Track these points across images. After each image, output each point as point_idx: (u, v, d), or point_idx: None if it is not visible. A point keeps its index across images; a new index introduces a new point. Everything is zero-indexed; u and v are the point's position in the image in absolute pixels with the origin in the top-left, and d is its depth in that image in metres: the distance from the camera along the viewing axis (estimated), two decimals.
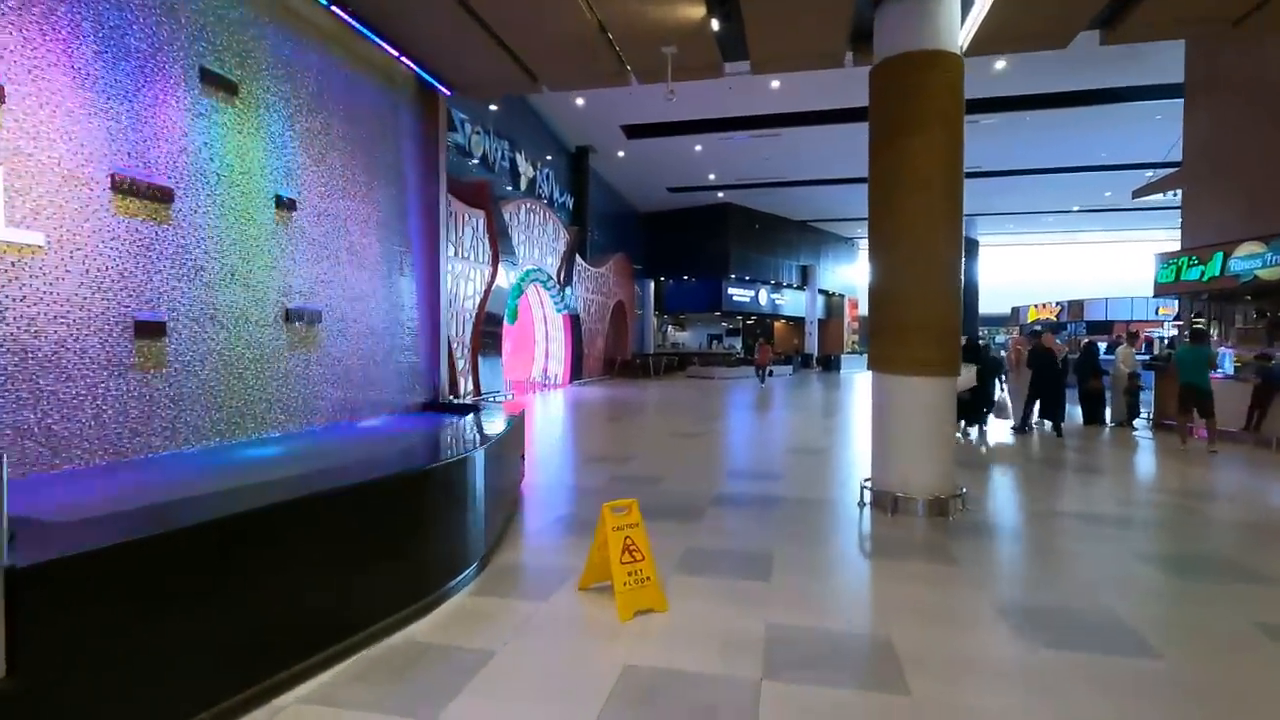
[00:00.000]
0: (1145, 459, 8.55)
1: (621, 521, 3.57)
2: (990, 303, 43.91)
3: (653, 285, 33.92)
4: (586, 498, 6.15)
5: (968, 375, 9.12)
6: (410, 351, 7.04)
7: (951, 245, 5.41)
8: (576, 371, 21.96)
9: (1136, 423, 11.19)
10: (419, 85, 7.28)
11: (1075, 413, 12.32)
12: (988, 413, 10.49)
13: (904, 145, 5.43)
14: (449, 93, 7.54)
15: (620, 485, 6.66)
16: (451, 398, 8.30)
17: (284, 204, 5.30)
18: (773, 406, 15.44)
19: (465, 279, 14.96)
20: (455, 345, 14.55)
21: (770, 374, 23.46)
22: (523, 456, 6.37)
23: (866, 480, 5.97)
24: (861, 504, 5.81)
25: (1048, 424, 10.85)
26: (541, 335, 20.99)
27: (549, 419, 13.04)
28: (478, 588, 3.89)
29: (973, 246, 36.42)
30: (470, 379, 15.20)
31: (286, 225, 5.33)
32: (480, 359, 15.52)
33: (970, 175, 25.72)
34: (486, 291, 15.84)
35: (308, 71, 5.63)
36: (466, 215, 14.94)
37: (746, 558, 4.41)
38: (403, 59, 6.85)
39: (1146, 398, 11.78)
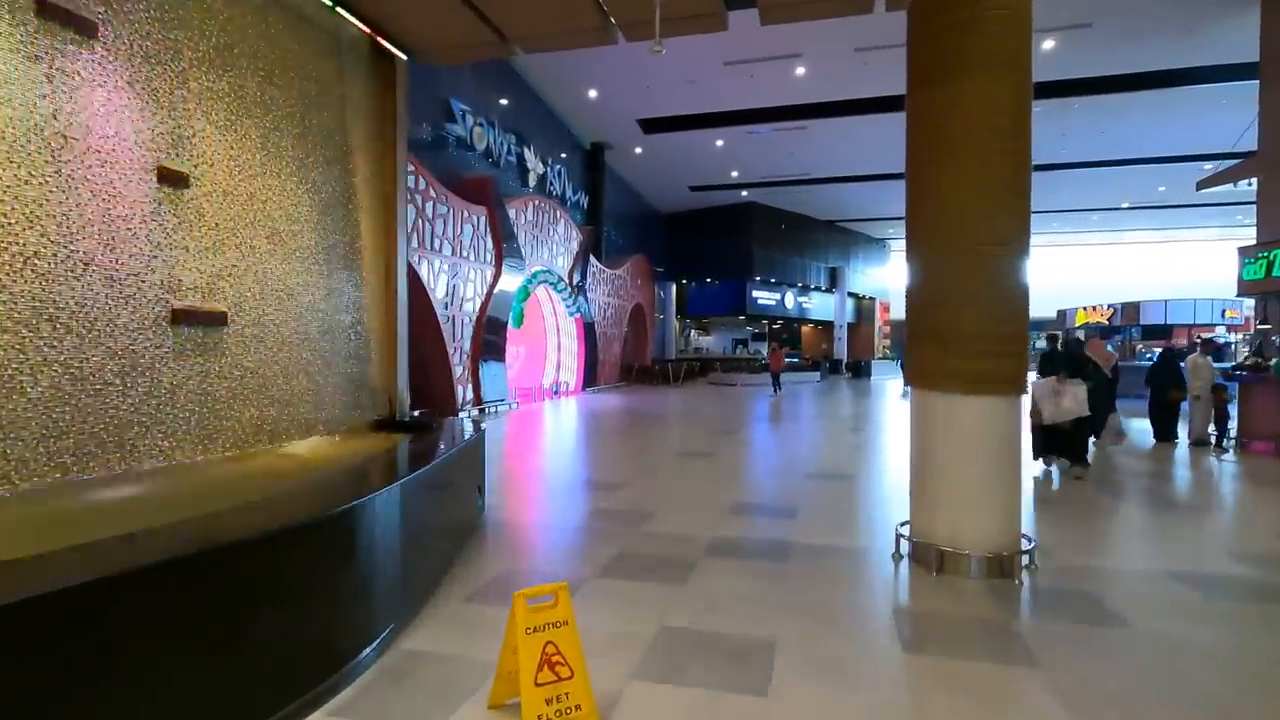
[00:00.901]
0: (1255, 490, 7.12)
1: (541, 620, 2.42)
2: (1032, 306, 41.68)
3: (674, 288, 32.76)
4: (556, 540, 5.01)
5: (1074, 397, 7.30)
6: (359, 360, 5.98)
7: (1017, 223, 4.17)
8: (590, 378, 20.88)
9: (1226, 442, 9.65)
10: (373, 49, 6.24)
11: (1124, 425, 10.83)
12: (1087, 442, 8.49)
13: (955, 96, 4.21)
14: (407, 57, 6.49)
15: (601, 522, 5.51)
16: (415, 413, 7.24)
17: (170, 179, 4.26)
18: (795, 419, 14.14)
19: (465, 280, 13.97)
20: (453, 351, 13.55)
21: (780, 385, 21.72)
22: (481, 489, 5.26)
23: (904, 524, 4.73)
24: (898, 556, 4.57)
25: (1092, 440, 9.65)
26: (553, 340, 19.95)
27: (546, 433, 11.94)
28: (349, 700, 2.76)
29: None
30: (469, 388, 14.20)
31: (175, 206, 4.30)
32: (481, 366, 14.51)
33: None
34: (488, 294, 14.84)
35: (210, 20, 4.60)
36: (466, 212, 13.96)
37: (739, 649, 3.22)
38: (350, 16, 5.82)
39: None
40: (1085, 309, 32.02)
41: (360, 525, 3.07)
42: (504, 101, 17.26)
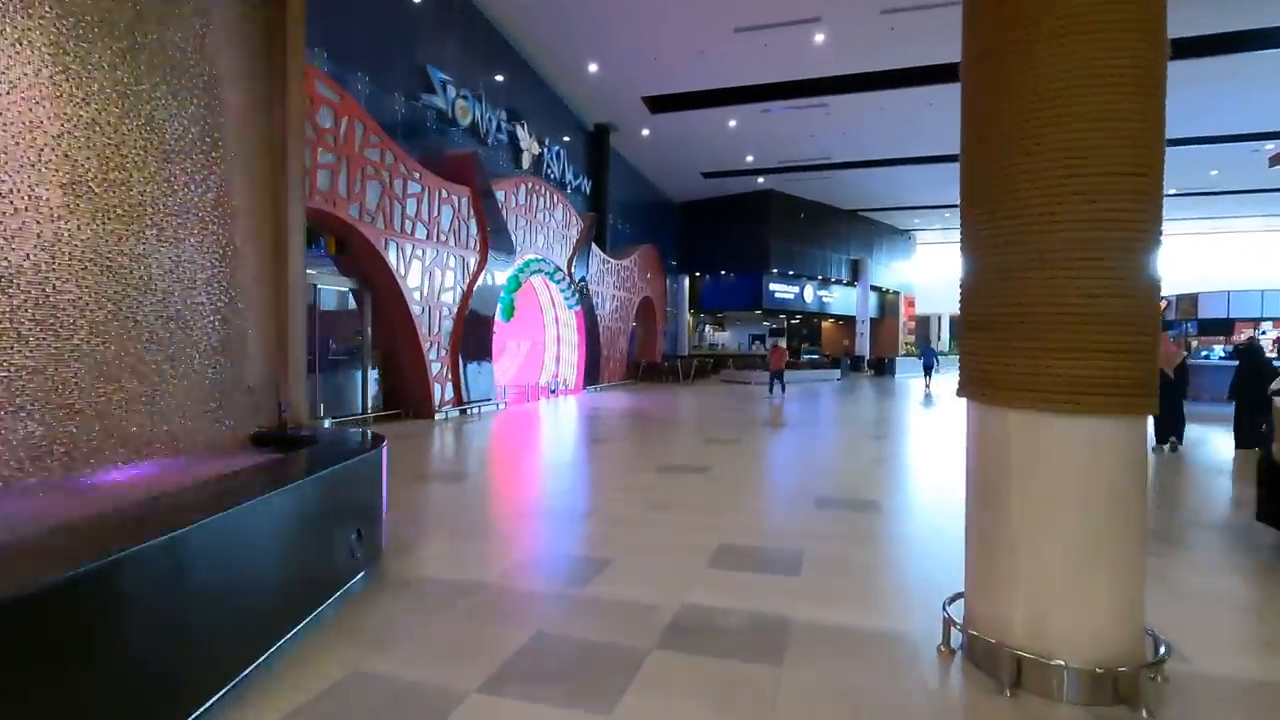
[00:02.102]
0: None
1: None
2: None
3: (687, 281, 31.25)
4: (451, 609, 3.57)
5: None
6: (228, 355, 4.60)
7: (1148, 152, 2.63)
8: (592, 376, 19.46)
9: None
10: None
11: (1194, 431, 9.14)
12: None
13: None
14: None
15: (532, 576, 4.08)
16: (328, 422, 5.87)
17: None
18: (811, 423, 12.57)
19: (443, 268, 12.60)
20: (428, 346, 12.20)
21: (783, 387, 18.80)
22: (361, 533, 3.84)
23: (954, 600, 3.23)
24: (946, 651, 3.07)
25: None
26: (551, 335, 18.56)
27: (522, 440, 10.52)
28: None
29: None
30: (449, 387, 12.84)
31: None
32: (463, 362, 13.15)
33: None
34: (471, 283, 13.46)
35: None
36: (445, 193, 12.58)
37: None
38: None
39: None
40: None
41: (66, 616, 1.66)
42: (497, 77, 15.86)
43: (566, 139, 19.78)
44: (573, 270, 18.02)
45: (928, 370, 21.37)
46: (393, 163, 11.15)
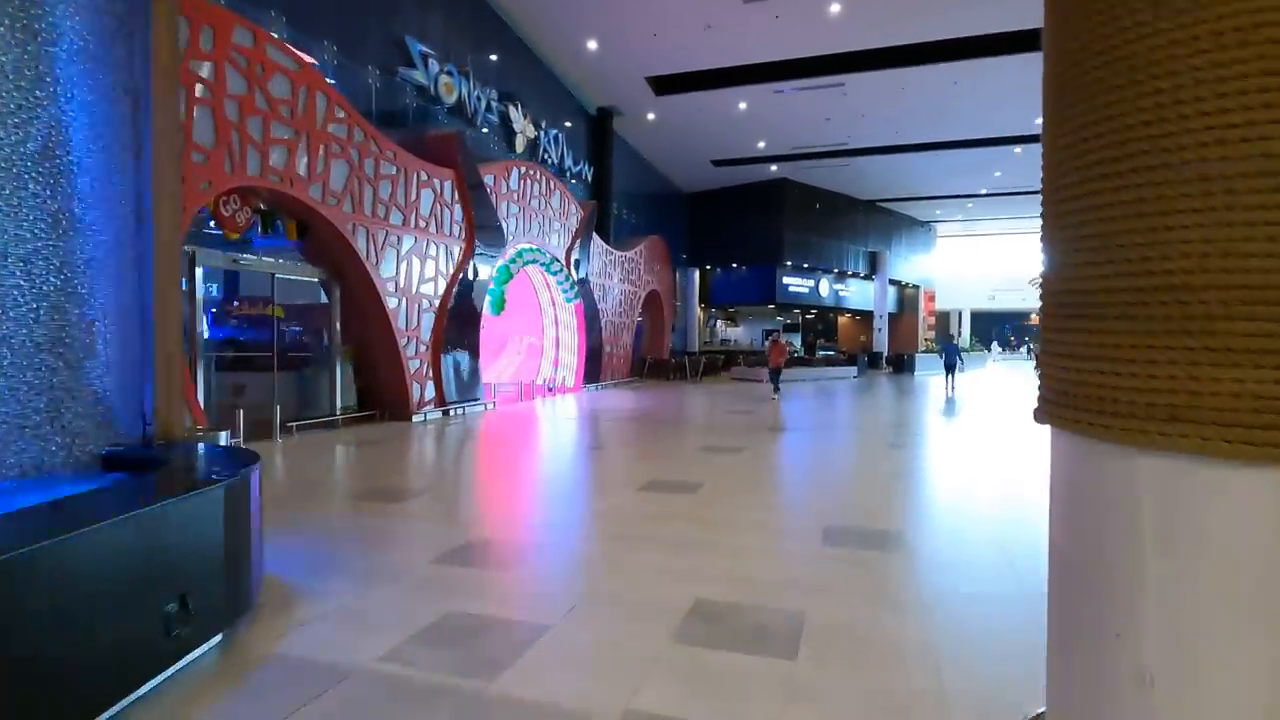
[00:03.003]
0: None
1: None
2: None
3: (697, 274, 30.10)
4: (306, 714, 2.52)
5: None
6: (61, 355, 3.57)
7: None
8: (593, 373, 18.40)
9: None
10: None
11: None
12: None
13: None
14: None
15: (432, 652, 3.02)
16: (199, 430, 4.89)
17: None
18: (822, 427, 11.42)
19: (423, 257, 11.59)
20: (405, 343, 11.21)
21: (776, 386, 16.99)
22: (184, 601, 2.81)
23: None
24: None
25: None
26: (550, 330, 17.51)
27: (490, 448, 9.49)
28: None
29: None
30: (429, 386, 11.84)
31: None
32: (445, 360, 12.15)
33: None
34: (455, 273, 12.44)
35: None
36: (425, 175, 11.56)
37: None
38: None
39: None
40: None
41: None
42: (491, 56, 14.82)
43: (567, 123, 18.70)
44: (571, 261, 16.96)
45: (950, 369, 19.58)
46: (362, 140, 10.14)
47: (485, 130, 14.74)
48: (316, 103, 9.30)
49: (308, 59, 9.33)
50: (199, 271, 8.30)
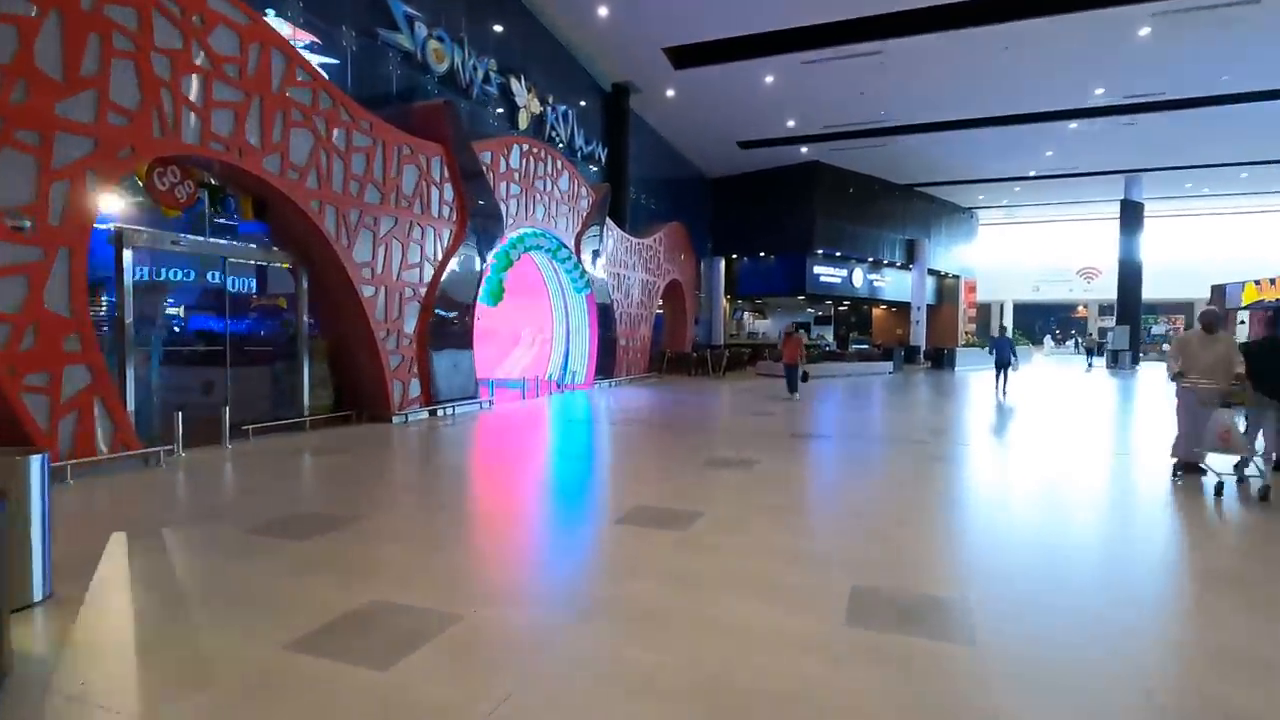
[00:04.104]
0: None
1: None
2: (1161, 286, 35.48)
3: (722, 264, 28.61)
4: None
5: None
6: None
7: None
8: (606, 368, 17.12)
9: None
10: None
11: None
12: None
13: None
14: None
15: None
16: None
17: None
18: (853, 435, 9.97)
19: (405, 240, 10.42)
20: (383, 335, 10.07)
21: (803, 378, 15.20)
22: None
23: None
24: None
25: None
26: (561, 322, 16.27)
27: (465, 456, 8.28)
28: None
29: (1135, 212, 28.57)
30: (413, 383, 10.70)
31: None
32: (433, 355, 11.00)
33: (1125, 109, 18.38)
34: (444, 259, 11.26)
35: None
36: (408, 149, 10.38)
37: None
38: None
39: None
40: (1257, 283, 25.83)
41: None
42: (487, 20, 13.57)
43: (578, 101, 17.38)
44: (581, 248, 15.69)
45: (1002, 367, 16.16)
46: (330, 107, 8.97)
47: (483, 104, 13.51)
48: (272, 62, 8.14)
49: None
50: (128, 254, 7.22)
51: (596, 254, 16.47)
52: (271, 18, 9.62)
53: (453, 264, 11.33)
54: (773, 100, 19.92)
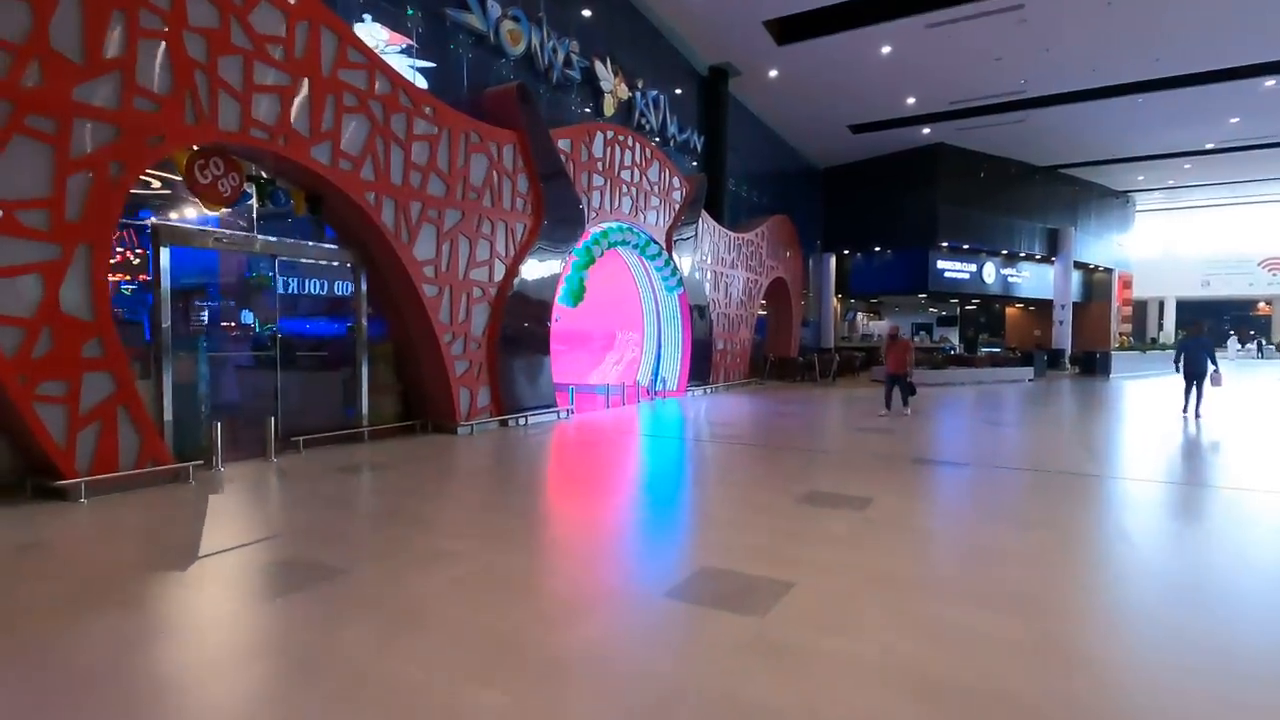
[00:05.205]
0: None
1: None
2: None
3: (833, 260, 26.44)
4: None
5: None
6: None
7: None
8: (700, 374, 15.74)
9: None
10: None
11: None
12: None
13: None
14: None
15: None
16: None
17: None
18: (993, 464, 8.05)
19: (473, 236, 9.59)
20: (449, 340, 9.28)
21: (911, 392, 12.40)
22: None
23: None
24: None
25: None
26: (652, 324, 15.08)
27: (502, 482, 7.17)
28: None
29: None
30: (483, 391, 9.86)
31: None
32: (506, 360, 10.12)
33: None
34: (518, 256, 10.36)
35: None
36: (477, 137, 9.55)
37: None
38: None
39: None
40: None
41: None
42: (574, 4, 12.63)
43: (670, 85, 16.13)
44: (670, 243, 14.43)
45: (1195, 380, 11.92)
46: (388, 92, 8.24)
47: (565, 89, 12.55)
48: (322, 42, 7.47)
49: None
50: (165, 252, 6.70)
51: (689, 250, 15.14)
52: (368, 23, 9.13)
53: (527, 261, 10.41)
54: (890, 75, 17.78)
